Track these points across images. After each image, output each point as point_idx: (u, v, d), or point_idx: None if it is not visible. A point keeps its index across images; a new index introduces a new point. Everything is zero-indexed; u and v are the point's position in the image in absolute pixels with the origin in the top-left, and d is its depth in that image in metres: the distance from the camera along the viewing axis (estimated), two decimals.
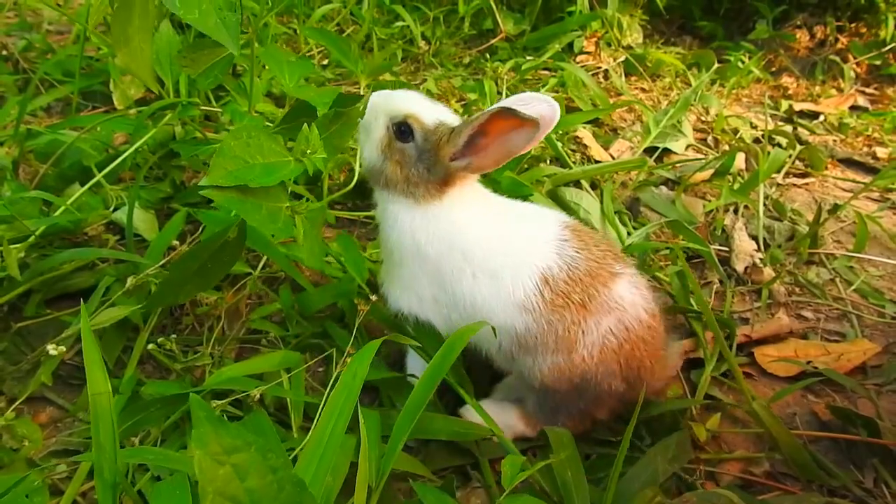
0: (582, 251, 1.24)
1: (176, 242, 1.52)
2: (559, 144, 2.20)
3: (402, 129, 1.23)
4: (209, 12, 1.09)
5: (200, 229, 1.67)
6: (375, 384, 1.36)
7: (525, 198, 1.72)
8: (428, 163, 1.23)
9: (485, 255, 1.24)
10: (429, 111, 1.24)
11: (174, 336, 1.37)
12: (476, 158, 1.21)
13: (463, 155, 1.21)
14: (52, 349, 1.19)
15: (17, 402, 1.22)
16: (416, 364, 1.35)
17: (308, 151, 1.11)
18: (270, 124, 1.83)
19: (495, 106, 1.16)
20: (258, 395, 1.22)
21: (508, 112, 1.13)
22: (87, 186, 1.51)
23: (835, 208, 2.05)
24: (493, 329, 1.21)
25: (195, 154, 1.54)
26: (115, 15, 1.19)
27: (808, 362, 1.57)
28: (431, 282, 1.27)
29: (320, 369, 1.46)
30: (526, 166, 2.07)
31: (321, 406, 1.17)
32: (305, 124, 1.11)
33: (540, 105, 1.23)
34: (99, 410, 0.83)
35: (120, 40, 1.24)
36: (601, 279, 1.23)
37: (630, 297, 1.25)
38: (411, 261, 1.26)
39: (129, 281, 1.31)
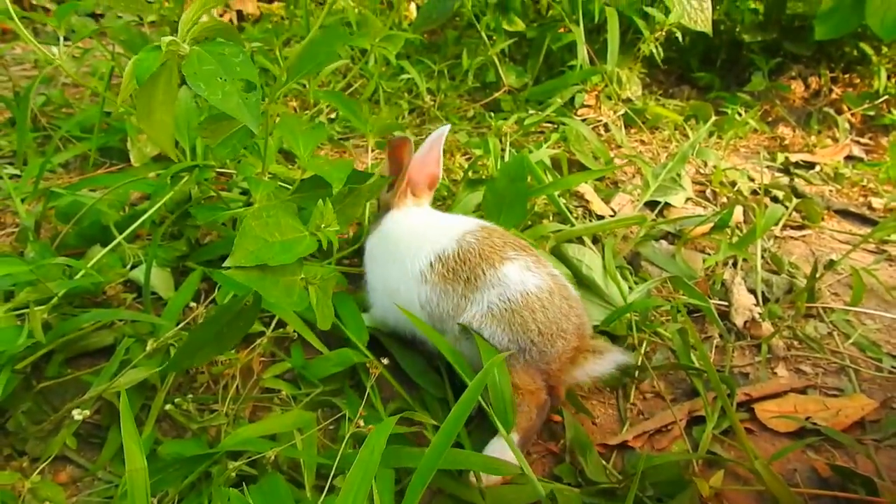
0: (481, 239, 1.52)
1: (193, 304, 1.57)
2: (561, 201, 2.26)
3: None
4: (232, 93, 1.15)
5: (216, 288, 1.73)
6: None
7: None
8: (379, 203, 1.75)
9: (397, 246, 1.61)
10: None
11: (190, 396, 1.42)
12: (397, 184, 1.68)
13: (390, 189, 1.69)
14: (76, 413, 1.23)
15: (42, 463, 1.26)
16: None
17: (322, 226, 1.18)
18: (284, 185, 1.90)
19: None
20: (273, 456, 1.26)
21: (390, 144, 1.63)
22: (107, 249, 1.57)
23: (830, 263, 2.10)
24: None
25: (213, 219, 1.60)
26: (141, 90, 1.26)
27: (808, 418, 1.60)
28: (377, 277, 1.66)
29: (331, 427, 1.50)
30: (529, 223, 2.13)
31: (333, 470, 1.22)
32: (321, 200, 1.17)
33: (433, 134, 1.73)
34: (135, 487, 0.87)
35: (144, 113, 1.30)
36: (490, 261, 1.48)
37: (517, 276, 1.46)
38: (370, 265, 1.69)
39: (150, 344, 1.36)
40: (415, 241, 1.57)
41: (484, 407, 1.35)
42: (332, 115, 3.05)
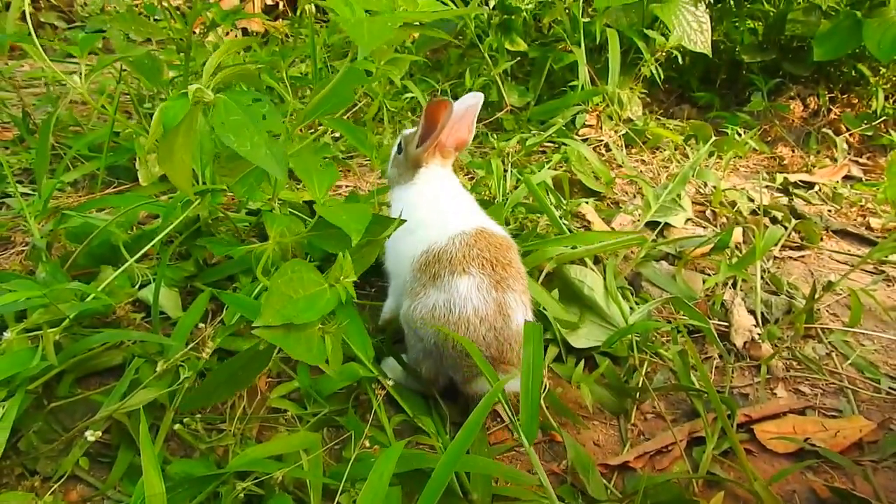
0: (462, 245, 1.59)
1: (202, 324, 1.60)
2: (563, 222, 2.29)
3: (399, 148, 1.89)
4: (260, 145, 1.19)
5: (224, 308, 1.75)
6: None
7: None
8: (406, 157, 1.85)
9: (419, 216, 1.69)
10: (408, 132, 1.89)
11: (198, 416, 1.45)
12: (430, 142, 1.75)
13: (421, 143, 1.77)
14: (89, 435, 1.25)
15: (53, 483, 1.28)
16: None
17: (342, 278, 1.22)
18: (293, 212, 1.94)
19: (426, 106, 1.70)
20: (280, 477, 1.29)
21: (431, 104, 1.69)
22: (119, 272, 1.59)
23: (829, 285, 2.13)
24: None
25: (229, 255, 1.64)
26: (164, 135, 1.29)
27: (807, 439, 1.62)
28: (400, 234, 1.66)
29: (337, 447, 1.52)
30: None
31: (340, 489, 1.24)
32: (340, 254, 1.22)
33: (467, 98, 1.82)
34: None
35: (165, 155, 1.33)
36: (451, 268, 1.56)
37: (465, 291, 1.54)
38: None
39: (160, 365, 1.38)
40: (429, 225, 1.66)
41: (509, 416, 1.38)
42: (337, 134, 3.09)
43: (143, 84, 3.15)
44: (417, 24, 1.35)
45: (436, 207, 1.74)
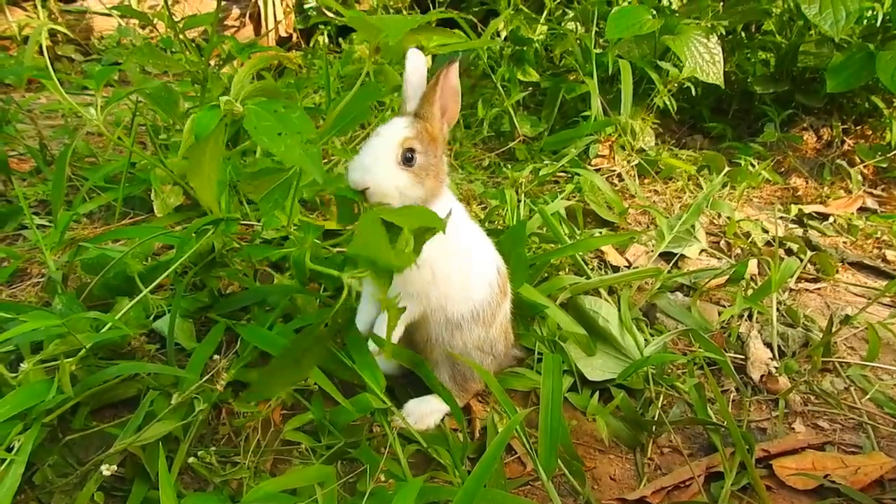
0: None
1: (217, 356, 1.60)
2: (578, 254, 2.29)
3: (408, 157, 1.39)
4: (293, 146, 1.20)
5: (238, 340, 1.75)
6: None
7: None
8: (435, 149, 1.44)
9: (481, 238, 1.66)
10: (398, 129, 1.41)
11: (213, 448, 1.44)
12: (447, 114, 1.47)
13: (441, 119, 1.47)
14: (105, 469, 1.25)
15: None
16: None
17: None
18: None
19: (440, 72, 1.39)
20: None
21: (448, 68, 1.39)
22: (134, 302, 1.60)
23: (846, 319, 2.11)
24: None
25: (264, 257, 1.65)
26: (194, 146, 1.31)
27: (826, 476, 1.60)
28: (455, 253, 1.50)
29: (352, 480, 1.51)
30: (545, 275, 2.16)
31: None
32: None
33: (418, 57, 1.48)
34: None
35: (195, 169, 1.35)
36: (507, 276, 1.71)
37: (509, 290, 1.71)
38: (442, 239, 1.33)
39: (175, 398, 1.38)
40: (487, 243, 1.68)
41: (526, 449, 1.37)
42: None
43: (159, 116, 3.19)
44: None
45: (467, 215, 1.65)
